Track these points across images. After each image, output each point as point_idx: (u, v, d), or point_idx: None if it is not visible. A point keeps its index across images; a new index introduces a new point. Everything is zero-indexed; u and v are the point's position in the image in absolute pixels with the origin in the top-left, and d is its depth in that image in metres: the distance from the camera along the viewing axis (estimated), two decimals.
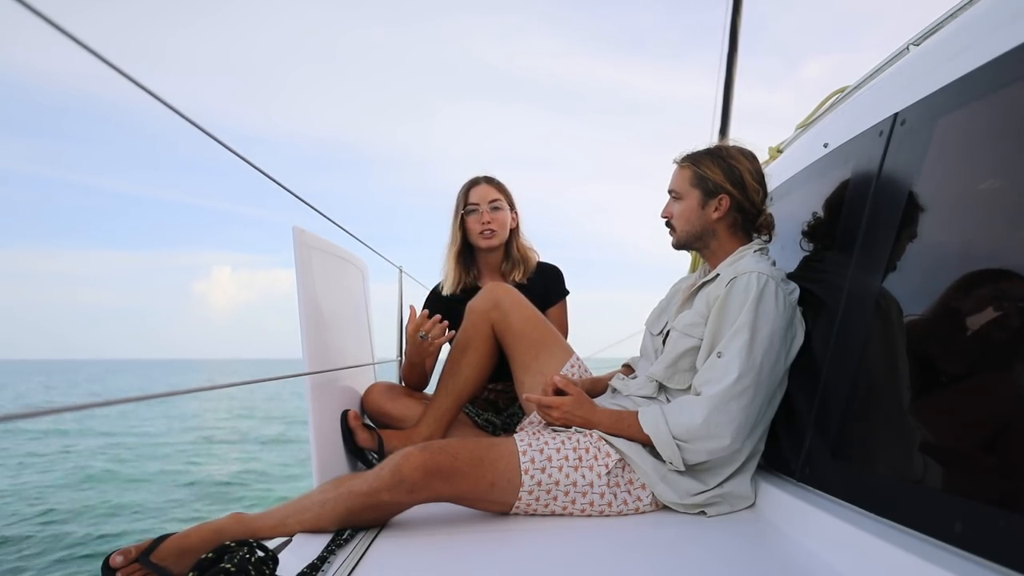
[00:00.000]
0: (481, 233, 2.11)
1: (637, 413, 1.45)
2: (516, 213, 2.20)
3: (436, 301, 2.21)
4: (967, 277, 1.01)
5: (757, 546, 1.22)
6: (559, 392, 1.54)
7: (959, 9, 1.29)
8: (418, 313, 1.84)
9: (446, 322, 1.84)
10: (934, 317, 1.07)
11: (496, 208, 2.11)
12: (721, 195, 1.54)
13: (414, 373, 2.03)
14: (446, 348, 1.98)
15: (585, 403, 1.51)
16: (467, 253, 2.19)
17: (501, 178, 2.19)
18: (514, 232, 2.20)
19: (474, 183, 2.15)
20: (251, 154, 1.09)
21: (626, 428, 1.45)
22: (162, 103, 0.86)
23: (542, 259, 2.28)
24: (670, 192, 1.63)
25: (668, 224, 1.65)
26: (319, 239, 1.84)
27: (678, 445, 1.38)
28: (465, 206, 2.13)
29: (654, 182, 1.73)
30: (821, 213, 1.60)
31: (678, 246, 1.65)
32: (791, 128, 2.20)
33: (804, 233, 1.66)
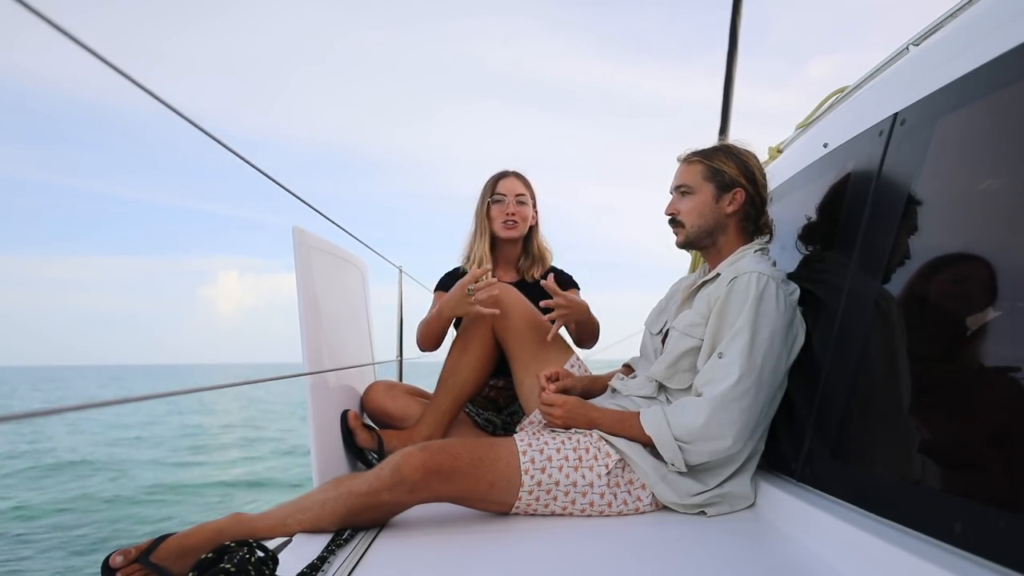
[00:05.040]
0: (504, 223, 2.14)
1: (639, 414, 1.45)
2: (537, 212, 2.24)
3: (453, 282, 2.22)
4: (967, 277, 1.01)
5: (757, 546, 1.22)
6: (559, 391, 1.55)
7: (959, 9, 1.29)
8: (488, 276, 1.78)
9: (497, 292, 1.76)
10: (934, 317, 1.07)
11: (521, 202, 2.16)
12: (736, 189, 1.54)
13: (432, 327, 1.93)
14: (446, 347, 1.98)
15: (584, 405, 1.52)
16: (490, 242, 2.21)
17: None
18: (533, 229, 2.24)
19: (503, 175, 2.20)
20: (252, 157, 1.10)
21: (628, 428, 1.45)
22: (166, 106, 0.87)
23: (553, 263, 2.30)
24: (678, 188, 1.60)
25: (673, 221, 1.62)
26: (319, 239, 1.84)
27: (680, 446, 1.38)
28: (492, 195, 2.16)
29: (662, 184, 1.71)
30: (821, 213, 1.60)
31: (685, 243, 1.62)
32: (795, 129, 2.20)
33: (804, 233, 1.66)
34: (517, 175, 2.21)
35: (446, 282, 2.24)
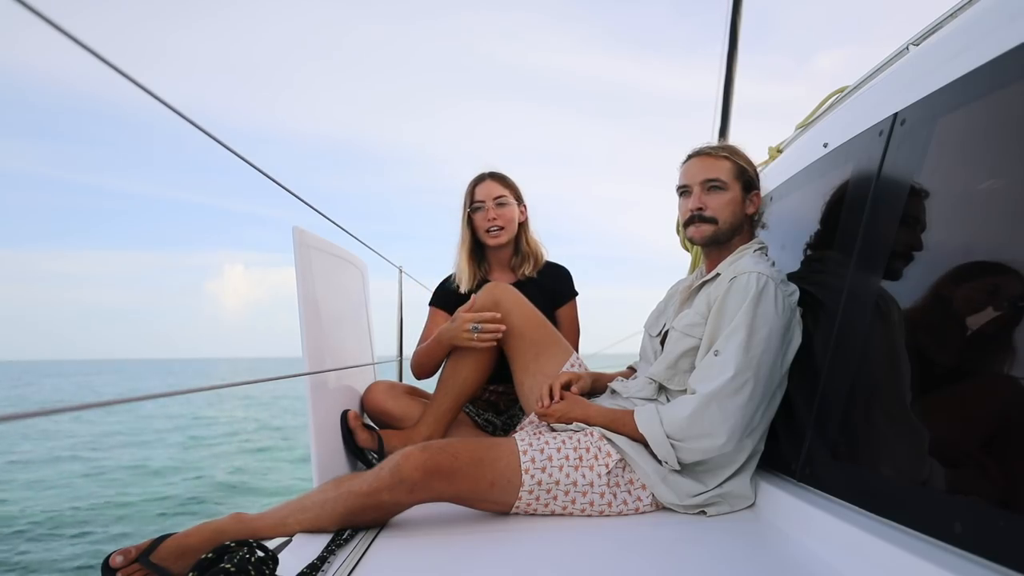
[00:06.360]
0: (488, 231, 2.09)
1: (633, 412, 1.45)
2: (524, 207, 2.18)
3: (447, 295, 2.19)
4: (966, 277, 1.01)
5: (757, 546, 1.22)
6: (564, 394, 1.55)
7: (959, 9, 1.29)
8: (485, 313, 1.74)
9: (502, 328, 1.75)
10: (934, 317, 1.07)
11: (502, 204, 2.09)
12: (754, 191, 1.54)
13: (433, 352, 1.89)
14: None
15: (580, 401, 1.53)
16: (477, 250, 2.17)
17: (510, 174, 2.17)
18: (523, 226, 2.18)
19: (479, 180, 2.14)
20: (257, 154, 1.10)
21: (621, 427, 1.45)
22: (166, 105, 0.87)
23: (557, 256, 2.27)
24: (708, 181, 1.53)
25: (702, 218, 1.54)
26: (319, 239, 1.84)
27: (672, 444, 1.38)
28: (471, 204, 2.11)
29: (668, 181, 1.68)
30: (821, 213, 1.60)
31: (713, 240, 1.55)
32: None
33: (803, 233, 1.66)
34: (493, 176, 2.13)
35: (440, 295, 2.20)
